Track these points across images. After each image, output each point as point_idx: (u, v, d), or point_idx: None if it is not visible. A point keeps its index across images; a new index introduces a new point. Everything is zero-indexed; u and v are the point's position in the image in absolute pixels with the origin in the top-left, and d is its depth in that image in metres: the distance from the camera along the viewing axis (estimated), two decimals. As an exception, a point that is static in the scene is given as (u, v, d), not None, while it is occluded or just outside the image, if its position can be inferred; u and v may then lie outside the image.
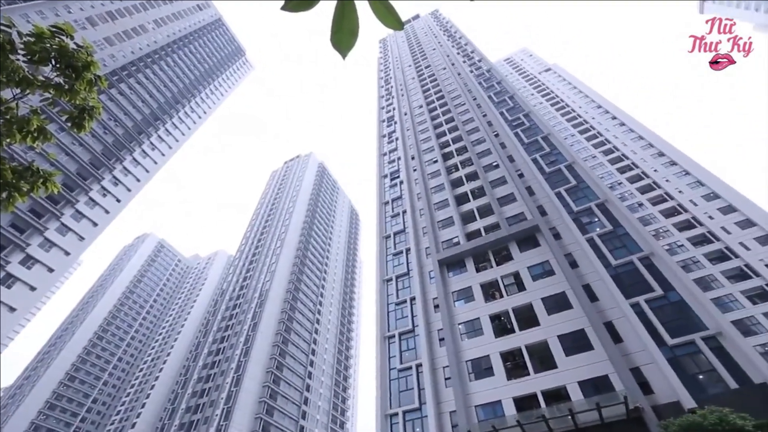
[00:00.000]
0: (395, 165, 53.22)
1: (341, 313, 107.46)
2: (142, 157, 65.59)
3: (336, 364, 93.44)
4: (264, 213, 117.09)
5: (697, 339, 21.76)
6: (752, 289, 40.78)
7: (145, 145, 66.29)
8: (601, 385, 21.98)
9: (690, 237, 48.03)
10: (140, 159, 64.88)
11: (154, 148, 68.46)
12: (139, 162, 64.61)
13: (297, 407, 72.56)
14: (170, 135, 73.26)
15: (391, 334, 31.83)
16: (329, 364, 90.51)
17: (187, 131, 78.71)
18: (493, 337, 27.07)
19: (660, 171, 57.79)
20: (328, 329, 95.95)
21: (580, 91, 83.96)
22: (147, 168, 66.39)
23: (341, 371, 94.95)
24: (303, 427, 71.49)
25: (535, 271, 29.53)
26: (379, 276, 37.60)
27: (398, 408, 26.82)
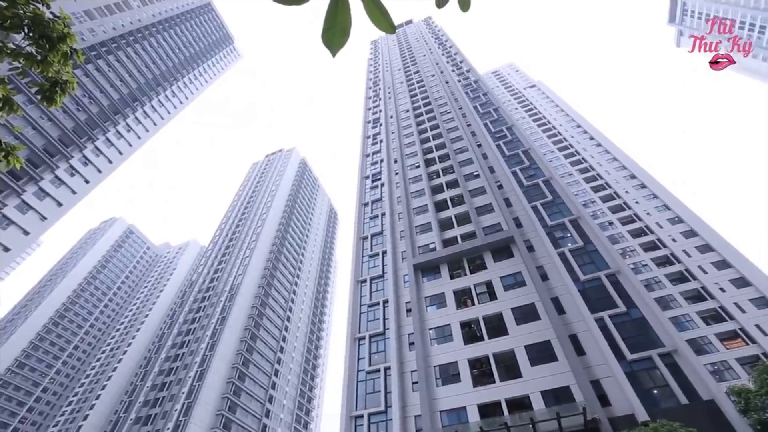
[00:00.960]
0: (377, 167, 53.26)
1: (313, 312, 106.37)
2: (117, 138, 63.08)
3: (304, 363, 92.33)
4: (241, 205, 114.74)
5: (654, 355, 22.73)
6: (707, 311, 42.97)
7: (121, 126, 63.79)
8: (562, 395, 22.60)
9: (654, 258, 50.17)
10: (114, 140, 62.37)
11: (129, 130, 65.98)
12: (113, 143, 62.09)
13: (261, 405, 71.20)
14: (148, 118, 70.83)
15: (361, 335, 31.74)
16: (297, 362, 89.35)
17: (166, 115, 76.29)
18: (462, 344, 27.40)
19: (631, 193, 60.19)
20: (299, 327, 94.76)
21: (562, 110, 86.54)
22: (121, 150, 63.89)
23: (309, 371, 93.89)
24: (266, 425, 70.19)
25: (507, 282, 30.13)
26: (353, 277, 37.47)
27: (364, 410, 26.74)
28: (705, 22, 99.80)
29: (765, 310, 40.56)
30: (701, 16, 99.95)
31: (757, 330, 39.36)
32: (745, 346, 39.04)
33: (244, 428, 64.92)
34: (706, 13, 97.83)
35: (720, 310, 42.36)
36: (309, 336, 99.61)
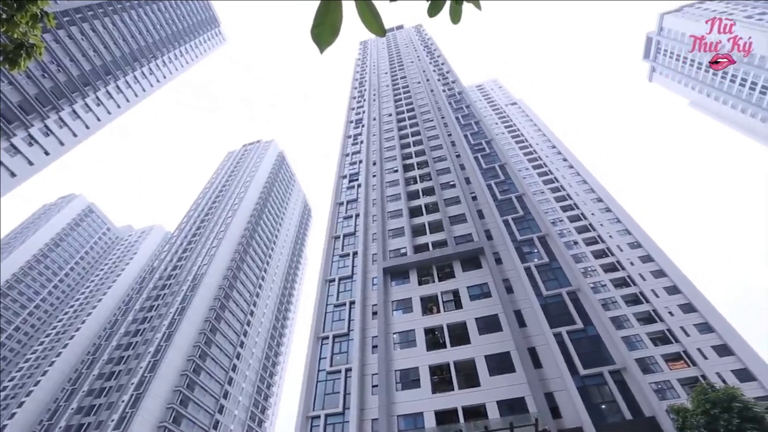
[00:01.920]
0: (356, 167, 53.11)
1: (278, 308, 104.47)
2: (84, 111, 59.84)
3: (264, 360, 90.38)
4: (213, 193, 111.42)
5: (605, 372, 23.77)
6: (655, 332, 45.41)
7: (90, 99, 60.58)
8: (517, 406, 23.20)
9: (612, 279, 52.55)
10: (81, 112, 59.13)
11: (99, 104, 62.77)
12: (80, 115, 58.85)
13: (215, 400, 69.04)
14: (121, 93, 67.66)
15: (325, 335, 31.43)
16: (257, 359, 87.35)
17: (141, 93, 73.16)
18: (424, 350, 27.65)
19: (596, 215, 62.86)
20: (262, 323, 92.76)
21: (539, 129, 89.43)
22: (88, 124, 60.65)
23: (268, 368, 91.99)
24: (218, 421, 68.10)
25: (474, 292, 30.69)
26: (322, 275, 37.10)
27: (321, 410, 26.44)
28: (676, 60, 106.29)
29: (707, 335, 43.30)
30: (673, 55, 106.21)
31: (698, 353, 41.93)
32: (686, 368, 41.50)
33: (195, 423, 62.74)
34: (677, 54, 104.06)
35: (667, 333, 44.84)
36: (271, 332, 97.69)
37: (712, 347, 42.17)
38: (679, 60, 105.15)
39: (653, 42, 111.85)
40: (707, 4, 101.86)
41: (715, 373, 39.78)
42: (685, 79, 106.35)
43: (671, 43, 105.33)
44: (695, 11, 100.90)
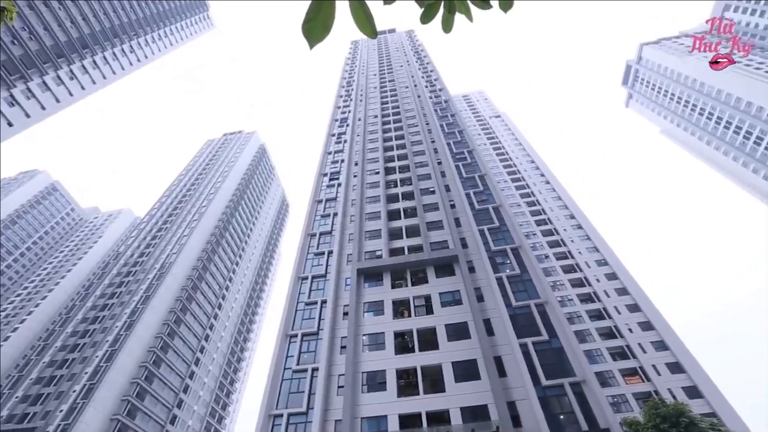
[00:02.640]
0: (337, 166, 52.83)
1: (248, 302, 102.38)
2: (56, 84, 56.94)
3: (229, 355, 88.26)
4: (188, 180, 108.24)
5: (565, 383, 24.49)
6: (615, 348, 47.22)
7: (63, 72, 57.70)
8: (479, 413, 23.56)
9: (579, 294, 54.31)
10: (52, 85, 56.23)
11: (72, 78, 59.89)
12: (50, 87, 55.93)
13: (174, 394, 66.82)
14: (97, 69, 64.82)
15: (294, 333, 31.01)
16: (222, 353, 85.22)
17: (119, 71, 70.33)
18: (393, 353, 27.72)
19: (568, 231, 64.87)
20: (229, 317, 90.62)
21: (520, 144, 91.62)
22: (58, 97, 57.72)
23: (233, 363, 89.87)
24: (176, 416, 65.92)
25: (445, 298, 31.04)
26: (295, 272, 36.62)
27: (284, 409, 26.03)
28: (651, 89, 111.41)
29: (662, 352, 45.36)
30: (649, 84, 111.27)
31: (653, 370, 43.85)
32: (641, 383, 43.33)
33: (151, 417, 60.49)
34: (653, 84, 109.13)
35: (626, 349, 46.70)
36: (239, 327, 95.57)
37: (666, 364, 44.20)
38: (654, 89, 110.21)
39: (632, 70, 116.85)
40: (683, 40, 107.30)
41: (667, 389, 41.69)
42: (658, 108, 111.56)
43: (648, 72, 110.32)
44: (672, 45, 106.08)
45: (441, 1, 3.17)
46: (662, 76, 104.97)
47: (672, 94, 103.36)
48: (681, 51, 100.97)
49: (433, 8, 3.21)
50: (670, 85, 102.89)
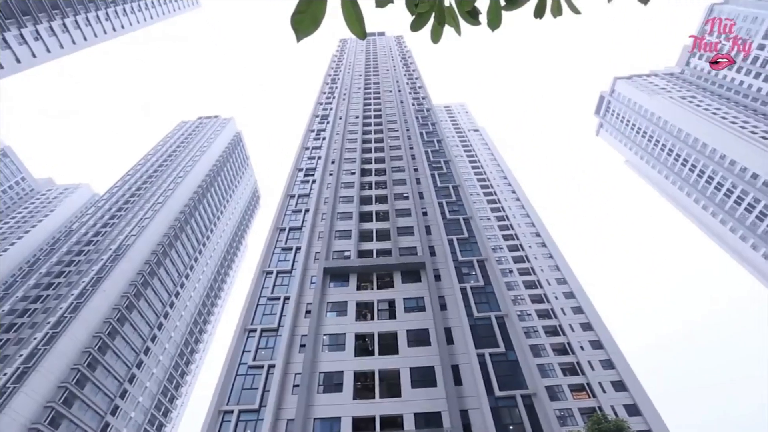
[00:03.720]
0: (313, 163, 52.26)
1: (207, 293, 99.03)
2: (18, 44, 53.13)
3: (182, 346, 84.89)
4: (156, 161, 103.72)
5: (517, 395, 25.22)
6: (566, 364, 49.16)
7: (27, 30, 53.93)
8: (433, 420, 23.83)
9: (537, 309, 56.20)
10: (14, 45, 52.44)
11: (38, 38, 56.10)
12: (11, 46, 52.13)
13: (118, 384, 63.43)
14: (67, 32, 61.01)
15: (253, 327, 30.26)
16: (174, 343, 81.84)
17: (92, 38, 66.52)
18: (352, 355, 27.60)
19: (533, 248, 67.09)
20: (186, 306, 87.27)
21: (495, 159, 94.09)
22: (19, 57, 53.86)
23: (185, 355, 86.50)
24: (117, 406, 62.55)
25: (409, 304, 31.29)
26: (260, 266, 35.81)
27: (236, 405, 25.28)
28: (620, 121, 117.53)
29: (608, 371, 47.65)
30: (620, 117, 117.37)
31: (599, 387, 45.96)
32: (587, 399, 45.31)
33: (90, 407, 57.11)
34: (622, 116, 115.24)
35: (576, 365, 48.73)
36: (196, 318, 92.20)
37: (611, 382, 46.46)
38: (623, 122, 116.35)
39: (605, 101, 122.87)
40: (653, 78, 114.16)
41: (610, 405, 43.80)
42: (625, 140, 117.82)
43: (619, 105, 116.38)
44: (642, 82, 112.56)
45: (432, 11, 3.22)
46: (631, 110, 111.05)
47: (639, 128, 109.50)
48: (650, 89, 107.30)
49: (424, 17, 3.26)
50: (637, 120, 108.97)
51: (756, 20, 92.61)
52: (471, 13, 3.32)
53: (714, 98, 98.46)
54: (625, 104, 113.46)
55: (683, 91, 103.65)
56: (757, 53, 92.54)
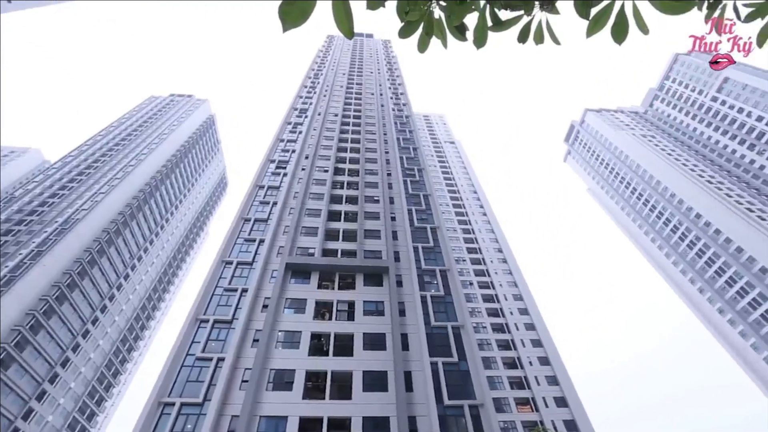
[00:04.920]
0: (287, 156, 51.36)
1: (160, 278, 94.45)
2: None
3: (126, 331, 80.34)
4: (119, 134, 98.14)
5: (465, 405, 25.76)
6: (514, 378, 50.84)
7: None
8: (380, 424, 23.87)
9: (493, 323, 57.82)
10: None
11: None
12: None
13: (49, 368, 59.00)
14: (34, -13, 56.76)
15: (206, 318, 29.16)
16: (117, 328, 77.32)
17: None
18: (306, 354, 27.20)
19: (494, 263, 69.07)
20: (136, 289, 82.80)
21: (467, 173, 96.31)
22: None
23: (129, 341, 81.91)
24: (45, 392, 58.15)
25: (369, 307, 31.30)
26: (220, 255, 34.64)
27: (178, 398, 24.19)
28: (587, 151, 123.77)
29: (553, 386, 49.70)
30: (586, 146, 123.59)
31: (542, 401, 47.83)
32: (531, 413, 47.01)
33: (12, 389, 52.74)
34: (589, 146, 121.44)
35: (524, 380, 50.49)
36: (145, 303, 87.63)
37: (554, 398, 48.47)
38: (589, 151, 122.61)
39: (574, 130, 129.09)
40: (619, 115, 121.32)
41: (551, 420, 45.67)
42: (589, 169, 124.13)
43: (587, 136, 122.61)
44: (609, 116, 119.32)
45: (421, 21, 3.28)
46: (597, 141, 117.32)
47: (602, 159, 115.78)
48: (616, 124, 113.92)
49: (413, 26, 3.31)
50: (602, 151, 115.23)
51: (712, 74, 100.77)
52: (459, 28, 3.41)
53: (671, 140, 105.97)
54: (593, 135, 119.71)
55: (645, 130, 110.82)
56: (710, 104, 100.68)
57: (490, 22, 3.34)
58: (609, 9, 3.02)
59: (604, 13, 3.04)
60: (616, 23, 3.06)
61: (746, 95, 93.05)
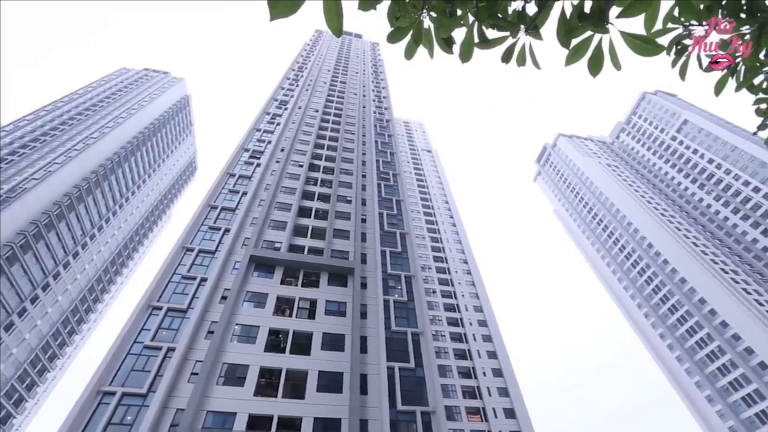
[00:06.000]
0: (262, 146, 50.27)
1: (114, 259, 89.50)
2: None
3: (69, 313, 75.40)
4: (83, 102, 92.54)
5: (418, 411, 26.00)
6: (468, 387, 51.86)
7: None
8: (331, 426, 23.63)
9: (452, 332, 58.78)
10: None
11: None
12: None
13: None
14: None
15: (159, 305, 27.87)
16: (59, 309, 72.45)
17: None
18: (262, 350, 26.57)
19: (458, 273, 70.36)
20: (84, 269, 78.00)
21: (441, 183, 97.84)
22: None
23: (71, 323, 76.90)
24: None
25: (331, 307, 31.03)
26: (182, 241, 33.29)
27: (120, 387, 22.90)
28: (556, 173, 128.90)
29: (503, 398, 51.09)
30: (556, 169, 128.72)
31: (492, 412, 49.05)
32: (480, 422, 48.08)
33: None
34: (558, 169, 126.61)
35: (476, 390, 51.59)
36: (93, 284, 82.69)
37: (504, 409, 49.82)
38: (558, 174, 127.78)
39: (546, 152, 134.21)
40: (588, 142, 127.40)
41: (498, 430, 46.89)
42: (556, 191, 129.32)
43: (557, 159, 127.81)
44: (580, 143, 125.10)
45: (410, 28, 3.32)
46: (566, 165, 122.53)
47: (569, 183, 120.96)
48: (585, 151, 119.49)
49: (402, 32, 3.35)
50: (569, 175, 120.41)
51: (674, 115, 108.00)
52: (446, 41, 3.48)
53: (632, 172, 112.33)
54: (563, 159, 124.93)
55: (610, 159, 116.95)
56: (670, 143, 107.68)
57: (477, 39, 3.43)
58: (588, 42, 3.18)
59: (582, 45, 3.19)
60: (592, 56, 3.22)
61: (701, 138, 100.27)
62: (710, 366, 74.34)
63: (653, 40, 3.01)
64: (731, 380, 70.21)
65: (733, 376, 69.80)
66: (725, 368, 71.53)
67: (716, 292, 72.93)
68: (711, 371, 74.21)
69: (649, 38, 3.02)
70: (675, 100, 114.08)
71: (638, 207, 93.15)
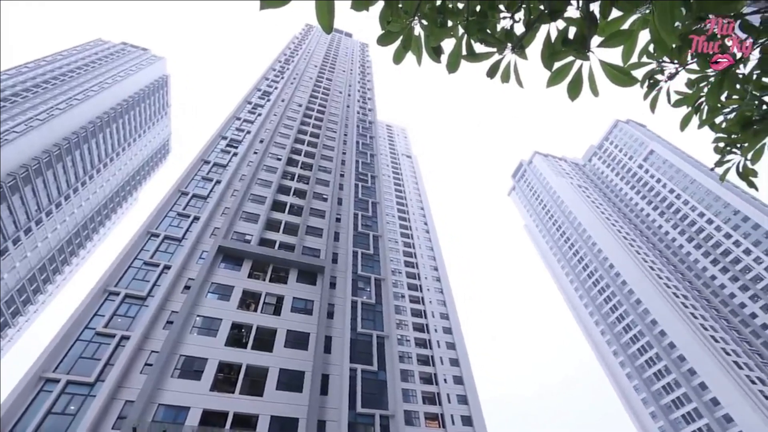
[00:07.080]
0: (241, 135, 49.14)
1: (70, 238, 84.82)
2: None
3: (15, 292, 70.77)
4: (52, 70, 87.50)
5: (377, 414, 26.00)
6: (428, 393, 52.28)
7: None
8: (288, 425, 23.24)
9: (417, 337, 59.20)
10: None
11: None
12: None
13: None
14: None
15: (116, 290, 26.60)
16: (5, 287, 67.86)
17: None
18: (223, 344, 25.85)
19: (428, 279, 71.06)
20: (36, 247, 73.51)
21: (417, 189, 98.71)
22: None
23: (16, 303, 72.17)
24: None
25: (297, 304, 30.61)
26: (147, 225, 31.97)
27: (65, 375, 21.65)
28: (529, 190, 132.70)
29: (462, 405, 51.85)
30: (530, 185, 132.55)
31: (450, 419, 49.66)
32: (438, 428, 48.54)
33: None
34: (532, 186, 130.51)
35: (437, 396, 52.12)
36: (45, 263, 78.00)
37: (461, 416, 50.53)
38: (531, 190, 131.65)
39: (522, 168, 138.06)
40: (561, 162, 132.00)
41: (454, 438, 47.53)
42: (528, 206, 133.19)
43: (532, 176, 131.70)
44: (554, 162, 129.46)
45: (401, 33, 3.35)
46: (540, 183, 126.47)
47: (541, 200, 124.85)
48: (558, 170, 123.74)
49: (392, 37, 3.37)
50: (542, 193, 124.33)
51: (642, 144, 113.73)
52: (435, 50, 3.53)
53: (600, 195, 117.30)
54: (537, 176, 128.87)
55: (581, 180, 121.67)
56: (636, 170, 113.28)
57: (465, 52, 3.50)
58: (569, 67, 3.31)
59: (564, 69, 3.32)
60: (572, 80, 3.35)
61: (665, 169, 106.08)
62: (656, 384, 78.38)
63: (629, 72, 3.17)
64: (674, 398, 74.28)
65: (675, 394, 73.86)
66: (669, 387, 75.63)
67: (667, 315, 77.06)
68: (656, 389, 78.25)
69: (626, 70, 3.17)
70: (644, 131, 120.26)
71: (603, 228, 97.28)
